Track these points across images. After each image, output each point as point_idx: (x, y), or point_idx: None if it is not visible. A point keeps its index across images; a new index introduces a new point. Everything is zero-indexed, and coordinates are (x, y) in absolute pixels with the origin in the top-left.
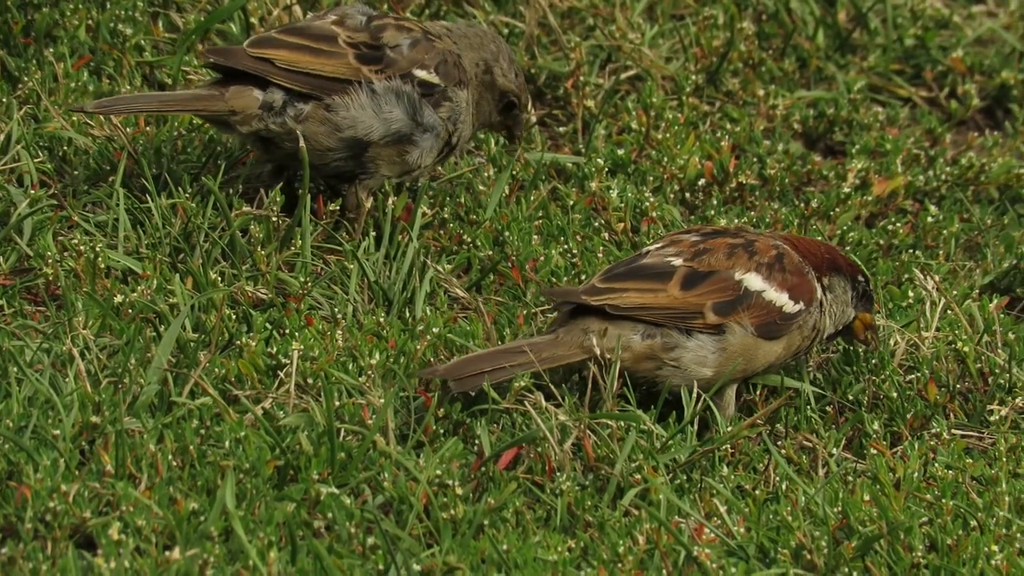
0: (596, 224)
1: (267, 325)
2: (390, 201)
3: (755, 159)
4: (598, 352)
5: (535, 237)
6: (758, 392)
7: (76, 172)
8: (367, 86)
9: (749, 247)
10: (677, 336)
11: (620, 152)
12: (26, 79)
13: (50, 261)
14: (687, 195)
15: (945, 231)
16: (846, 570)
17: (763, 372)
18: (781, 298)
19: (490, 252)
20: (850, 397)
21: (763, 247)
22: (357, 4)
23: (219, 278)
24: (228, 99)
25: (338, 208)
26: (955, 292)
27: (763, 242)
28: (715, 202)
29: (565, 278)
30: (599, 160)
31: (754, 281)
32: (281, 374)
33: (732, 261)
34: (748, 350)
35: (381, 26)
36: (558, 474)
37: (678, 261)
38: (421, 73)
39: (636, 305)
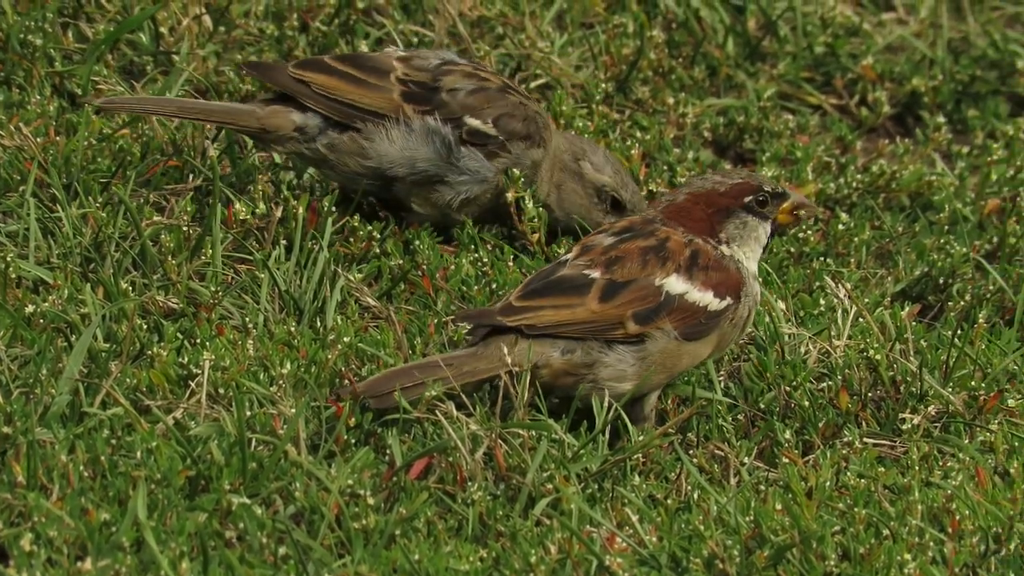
0: (509, 233)
1: (178, 335)
2: (299, 211)
3: (665, 167)
4: (516, 370)
5: (447, 247)
6: (670, 401)
7: None
8: (404, 122)
9: (660, 250)
10: (596, 352)
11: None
12: None
13: None
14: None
15: (856, 239)
16: None
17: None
18: (705, 297)
19: (401, 261)
20: (762, 406)
21: (675, 247)
22: (446, 51)
23: (130, 288)
24: (262, 118)
25: (250, 216)
26: (867, 300)
27: (674, 240)
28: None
29: (476, 287)
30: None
31: (675, 284)
32: (192, 384)
33: (648, 268)
34: (670, 356)
35: (448, 71)
36: (469, 484)
37: (595, 273)
38: (473, 122)
39: (554, 323)
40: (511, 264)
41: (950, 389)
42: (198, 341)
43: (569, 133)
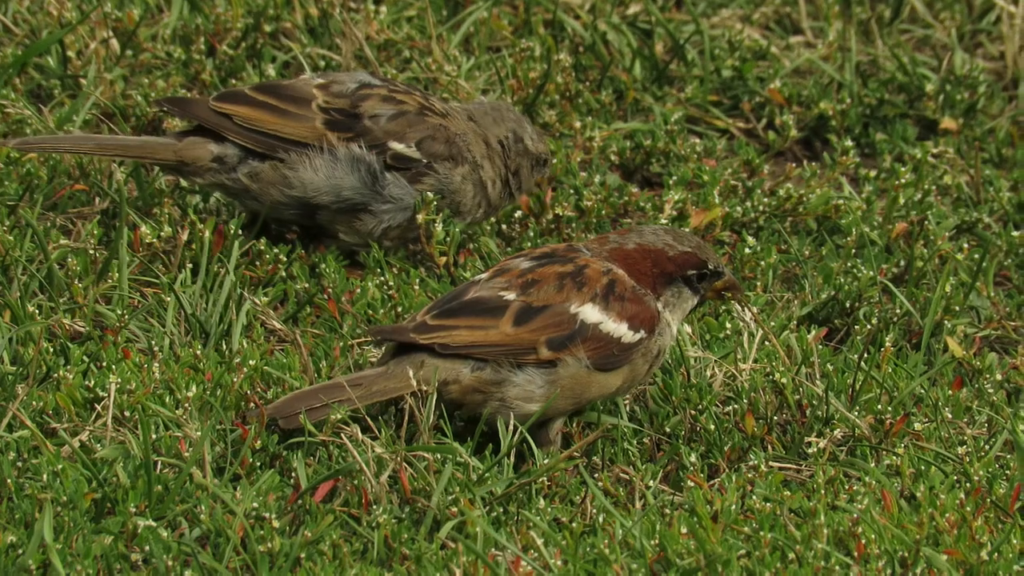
0: (414, 256)
1: (84, 358)
2: (206, 234)
3: (572, 191)
4: (425, 388)
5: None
6: (575, 424)
7: None
8: (329, 150)
9: (578, 276)
10: (506, 371)
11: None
12: None
13: None
14: (503, 227)
15: (763, 262)
16: None
17: (606, 398)
18: (620, 328)
19: (307, 284)
20: (667, 429)
21: (592, 274)
22: (360, 72)
23: (37, 311)
24: (179, 150)
25: (156, 239)
26: (773, 323)
27: (592, 268)
28: (532, 234)
29: (382, 311)
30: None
31: (590, 313)
32: (98, 407)
33: (564, 294)
34: (579, 383)
35: (365, 95)
36: (375, 507)
37: (511, 295)
38: (397, 146)
39: (467, 343)
40: (417, 287)
41: (856, 413)
42: (104, 364)
43: (486, 106)
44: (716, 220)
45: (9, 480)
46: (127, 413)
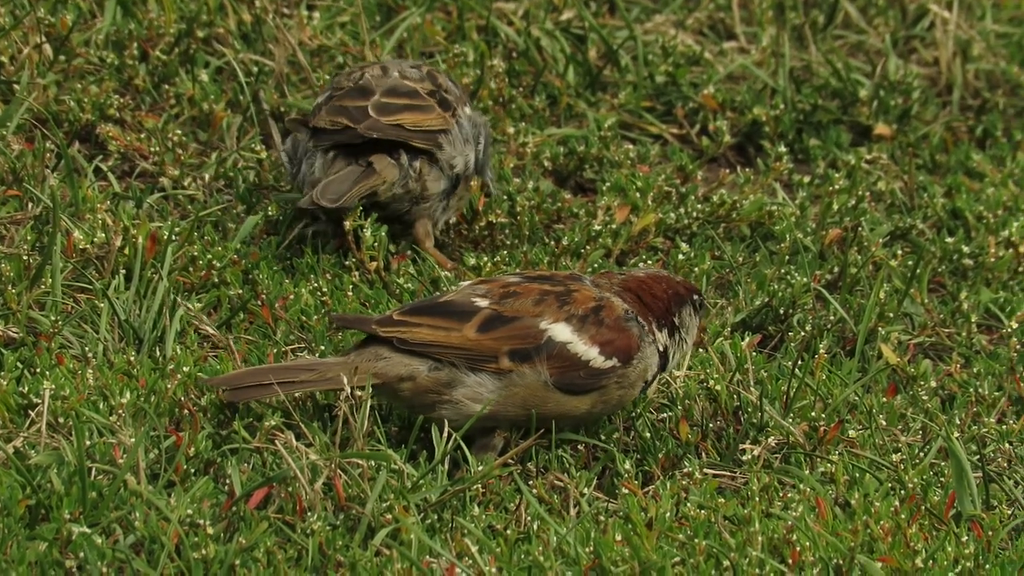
0: (347, 263)
1: (18, 364)
2: (139, 240)
3: (505, 197)
4: (377, 382)
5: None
6: (512, 432)
7: None
8: (455, 126)
9: (564, 296)
10: (460, 373)
11: None
12: None
13: None
14: (437, 234)
15: (696, 268)
16: None
17: (569, 425)
18: (590, 352)
19: (240, 290)
20: (602, 436)
21: (581, 298)
22: (396, 59)
23: None
24: (380, 171)
25: (89, 245)
26: (707, 330)
27: (583, 294)
28: (465, 241)
29: (315, 316)
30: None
31: (561, 331)
32: (32, 413)
33: (540, 308)
34: (535, 396)
35: (431, 73)
36: (309, 514)
37: (483, 302)
38: (466, 110)
39: (426, 342)
40: (350, 293)
41: (790, 420)
42: (38, 370)
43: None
44: (649, 226)
45: None
46: (61, 419)
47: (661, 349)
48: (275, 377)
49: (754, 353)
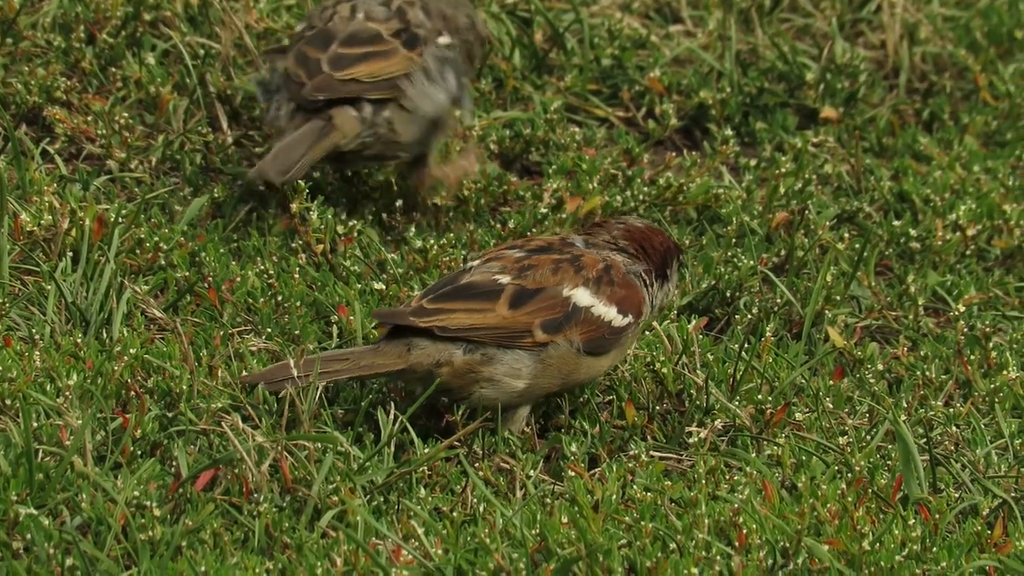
0: (294, 245)
1: None
2: (86, 222)
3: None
4: (418, 369)
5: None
6: (459, 414)
7: None
8: (421, 68)
9: (575, 262)
10: (495, 351)
11: (316, 174)
12: None
13: None
14: (384, 216)
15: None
16: None
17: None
18: (610, 312)
19: (187, 273)
20: (551, 419)
21: (590, 261)
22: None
23: None
24: (339, 126)
25: (36, 227)
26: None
27: (589, 257)
28: (413, 224)
29: (261, 299)
30: (299, 181)
31: (582, 296)
32: None
33: (559, 276)
34: (568, 365)
35: (401, 9)
36: (255, 495)
37: (505, 279)
38: (443, 40)
39: (465, 326)
40: (296, 276)
41: (737, 403)
42: None
43: None
44: (596, 209)
45: None
46: (8, 401)
47: (656, 301)
48: (308, 369)
49: (700, 336)
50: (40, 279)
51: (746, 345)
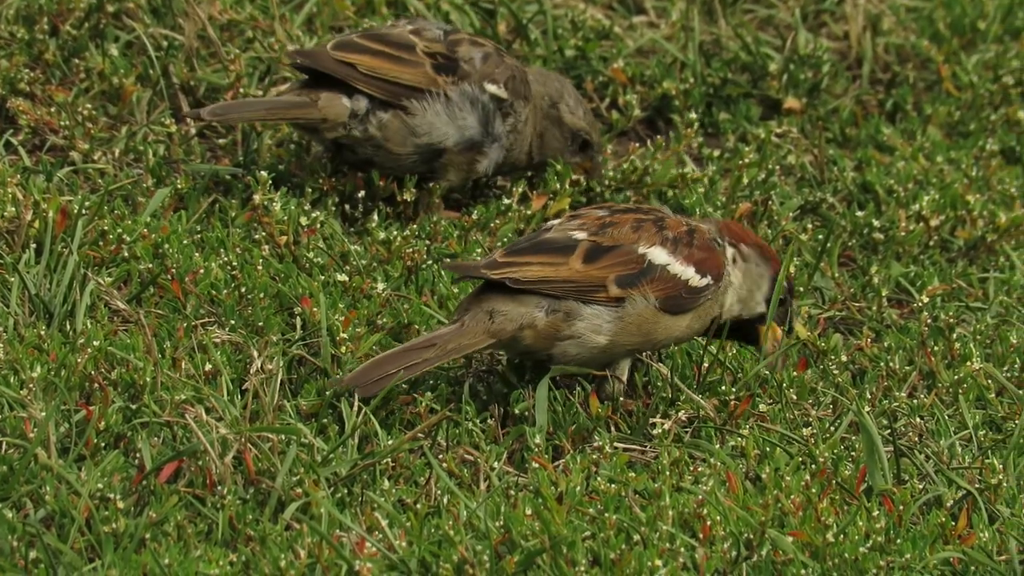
0: (257, 237)
1: None
2: (50, 214)
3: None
4: (501, 339)
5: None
6: (422, 406)
7: None
8: (445, 95)
9: (659, 222)
10: (577, 306)
11: (281, 167)
12: None
13: None
14: (347, 207)
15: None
16: None
17: (672, 344)
18: (687, 271)
19: (150, 265)
20: (515, 411)
21: (674, 223)
22: (433, 20)
23: None
24: (321, 107)
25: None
26: None
27: (674, 219)
28: (376, 216)
29: (224, 291)
30: (263, 172)
31: (658, 254)
32: None
33: (638, 235)
34: (647, 322)
35: (456, 40)
36: (219, 487)
37: (581, 235)
38: (491, 87)
39: (538, 278)
40: (259, 268)
41: (701, 394)
42: None
43: (537, 69)
44: (565, 209)
45: None
46: None
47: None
48: (399, 363)
49: None
50: (3, 271)
51: (710, 336)
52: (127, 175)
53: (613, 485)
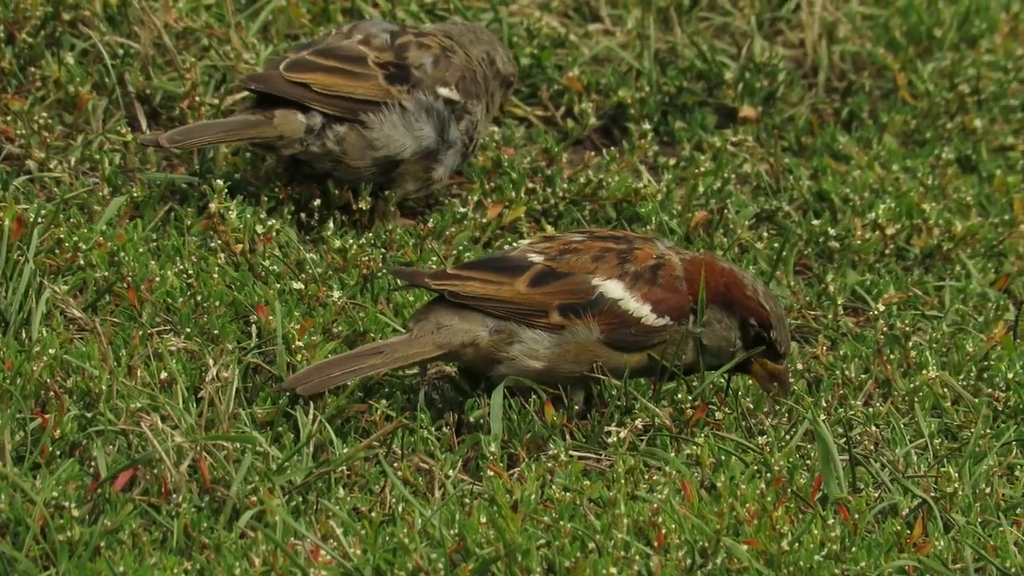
0: (213, 245)
1: None
2: (5, 222)
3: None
4: (444, 351)
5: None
6: (377, 414)
7: None
8: (399, 105)
9: (625, 253)
10: (519, 329)
11: (237, 175)
12: None
13: None
14: (302, 215)
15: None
16: None
17: (632, 375)
18: (641, 309)
19: (106, 273)
20: (470, 420)
21: (642, 256)
22: (377, 21)
23: None
24: (276, 125)
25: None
26: None
27: (645, 252)
28: (332, 224)
29: (180, 299)
30: (218, 181)
31: (613, 288)
32: None
33: (596, 265)
34: (586, 352)
35: (404, 44)
36: (174, 496)
37: (538, 258)
38: (444, 91)
39: (478, 295)
40: (215, 276)
41: (657, 402)
42: None
43: (463, 27)
44: (520, 218)
45: None
46: None
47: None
48: (344, 368)
49: None
50: None
51: None
52: (83, 184)
53: (568, 493)
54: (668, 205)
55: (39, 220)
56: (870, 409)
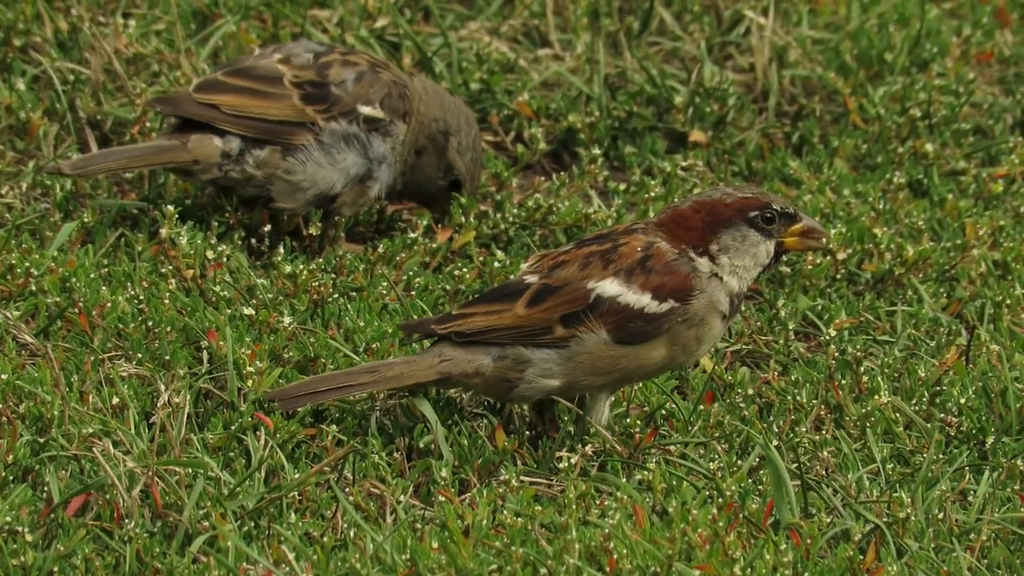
0: (163, 270)
1: None
2: None
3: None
4: (445, 378)
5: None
6: (328, 439)
7: None
8: (317, 140)
9: (609, 254)
10: (526, 352)
11: (188, 201)
12: None
13: None
14: (253, 241)
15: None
16: None
17: (658, 373)
18: (642, 299)
19: (58, 299)
20: (420, 445)
21: (627, 251)
22: (306, 41)
23: None
24: (191, 149)
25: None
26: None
27: (629, 246)
28: (282, 250)
29: (132, 324)
30: (169, 207)
31: (608, 287)
32: None
33: (585, 271)
34: (601, 357)
35: (328, 63)
36: (126, 521)
37: (534, 278)
38: (366, 109)
39: (482, 328)
40: (166, 301)
41: (608, 428)
42: None
43: (444, 93)
44: (470, 242)
45: None
46: None
47: (720, 276)
48: (330, 384)
49: None
50: None
51: None
52: (34, 209)
53: (519, 518)
54: None
55: None
56: (822, 434)
